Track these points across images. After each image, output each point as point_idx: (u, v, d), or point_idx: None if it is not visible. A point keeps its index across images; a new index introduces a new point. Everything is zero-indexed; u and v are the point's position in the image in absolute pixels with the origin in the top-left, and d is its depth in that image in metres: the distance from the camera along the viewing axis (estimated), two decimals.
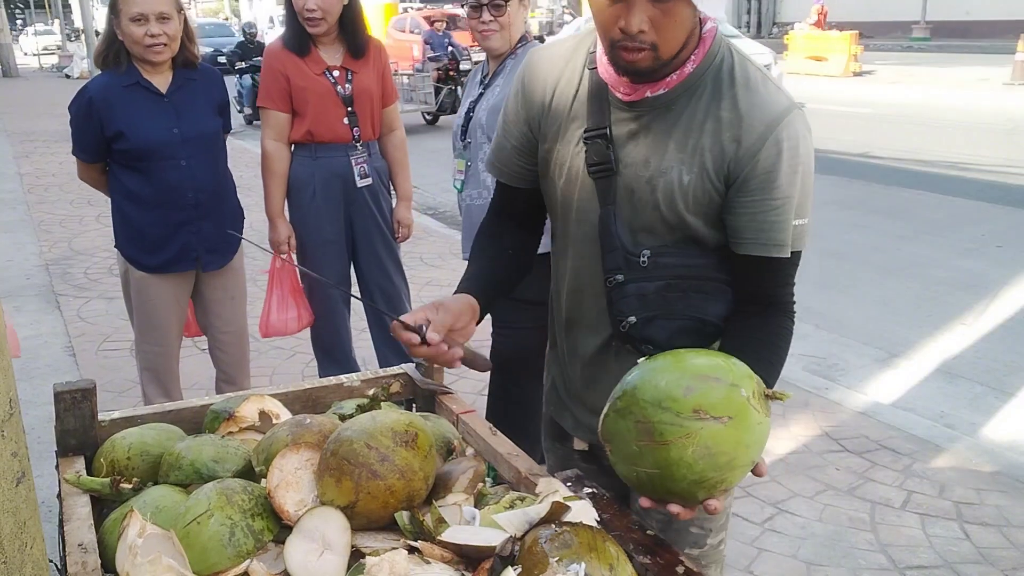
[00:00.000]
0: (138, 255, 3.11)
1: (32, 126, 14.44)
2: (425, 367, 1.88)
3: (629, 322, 1.51)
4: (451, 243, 6.65)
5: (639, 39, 1.35)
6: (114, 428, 1.63)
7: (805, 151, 1.43)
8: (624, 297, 1.51)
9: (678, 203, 1.46)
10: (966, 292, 5.53)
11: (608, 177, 1.50)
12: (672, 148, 1.45)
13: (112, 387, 4.19)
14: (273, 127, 3.32)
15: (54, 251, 6.90)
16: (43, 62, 31.15)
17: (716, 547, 1.71)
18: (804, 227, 1.47)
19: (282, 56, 3.29)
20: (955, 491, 3.30)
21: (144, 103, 2.97)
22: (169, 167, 3.01)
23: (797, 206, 1.44)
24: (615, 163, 1.49)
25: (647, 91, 1.44)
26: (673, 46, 1.38)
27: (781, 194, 1.41)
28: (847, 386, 4.27)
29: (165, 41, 2.89)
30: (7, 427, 1.03)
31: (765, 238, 1.44)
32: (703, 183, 1.44)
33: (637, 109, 1.47)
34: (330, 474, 1.32)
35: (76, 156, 3.13)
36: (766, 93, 1.43)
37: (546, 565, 1.18)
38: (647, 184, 1.47)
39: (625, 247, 1.50)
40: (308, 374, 4.46)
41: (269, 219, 3.44)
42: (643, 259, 1.49)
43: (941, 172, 9.03)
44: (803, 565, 2.90)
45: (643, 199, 1.48)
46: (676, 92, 1.44)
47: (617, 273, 1.51)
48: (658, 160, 1.46)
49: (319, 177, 3.38)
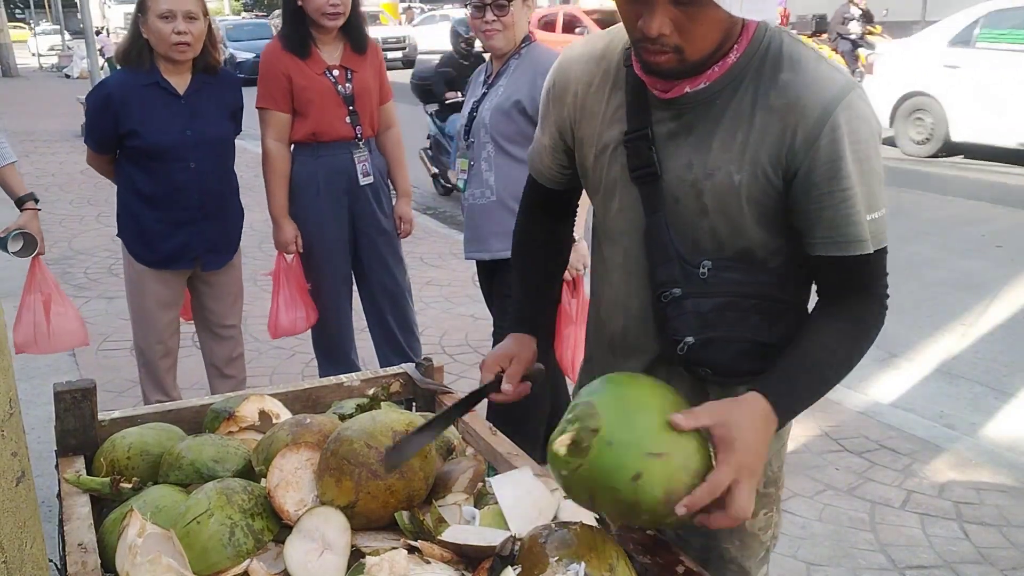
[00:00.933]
0: (138, 249, 3.15)
1: (32, 126, 14.44)
2: (425, 367, 1.88)
3: (687, 343, 1.37)
4: (451, 243, 6.65)
5: (661, 42, 1.23)
6: (114, 428, 1.63)
7: (870, 134, 1.28)
8: (682, 314, 1.37)
9: (731, 207, 1.32)
10: (966, 292, 5.53)
11: (653, 182, 1.37)
12: (716, 147, 1.32)
13: (112, 387, 4.18)
14: (274, 127, 3.32)
15: (54, 251, 6.89)
16: (43, 62, 31.13)
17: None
18: (882, 219, 1.32)
19: (283, 57, 3.28)
20: (955, 491, 3.30)
21: (160, 103, 3.01)
22: (177, 168, 3.04)
23: (869, 197, 1.29)
24: (659, 165, 1.36)
25: (686, 86, 1.31)
26: (701, 48, 1.25)
27: (850, 183, 1.26)
28: (847, 386, 4.27)
29: (190, 40, 2.93)
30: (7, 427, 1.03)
31: (839, 235, 1.29)
32: (757, 181, 1.30)
33: (676, 107, 1.34)
34: (330, 474, 1.32)
35: (87, 144, 3.18)
36: (818, 73, 1.28)
37: (546, 565, 1.18)
38: (691, 189, 1.34)
39: (682, 257, 1.36)
40: (308, 374, 4.46)
41: (274, 219, 3.43)
42: (703, 271, 1.35)
43: (941, 172, 9.03)
44: (803, 565, 2.90)
45: (688, 206, 1.35)
46: (719, 85, 1.31)
47: (673, 287, 1.37)
48: (702, 162, 1.33)
49: (322, 176, 3.39)
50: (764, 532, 1.60)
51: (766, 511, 1.59)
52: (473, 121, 3.01)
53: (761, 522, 1.58)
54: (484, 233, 3.05)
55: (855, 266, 1.32)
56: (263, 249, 6.80)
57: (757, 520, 1.58)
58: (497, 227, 2.99)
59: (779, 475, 1.62)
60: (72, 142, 12.22)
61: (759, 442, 1.20)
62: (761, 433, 1.21)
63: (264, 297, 5.66)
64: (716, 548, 1.55)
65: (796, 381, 1.29)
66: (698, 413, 1.18)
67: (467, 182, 3.06)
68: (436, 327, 5.07)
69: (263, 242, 6.97)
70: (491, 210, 3.01)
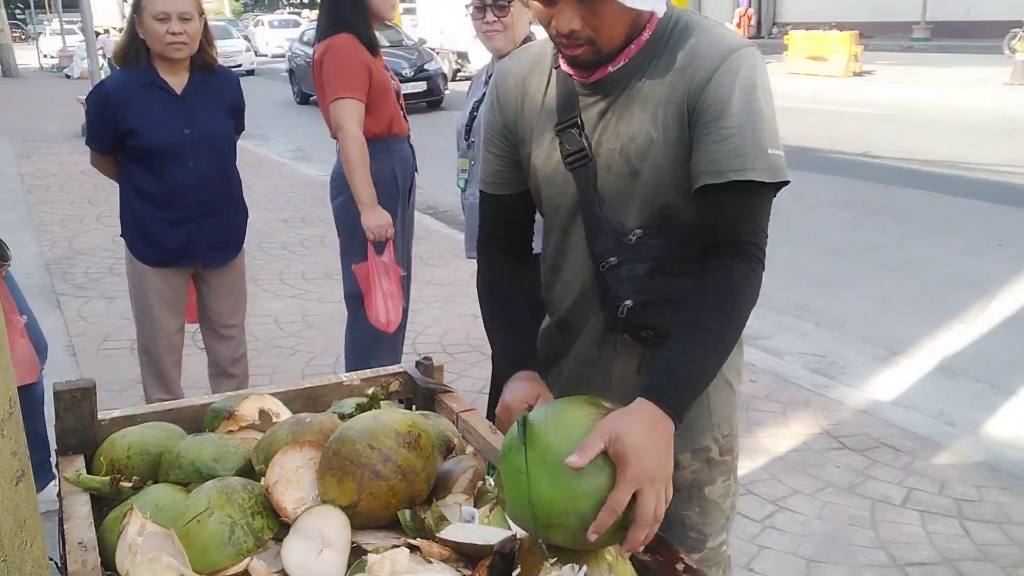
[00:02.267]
0: (141, 247, 3.16)
1: (33, 126, 14.44)
2: (425, 366, 1.88)
3: (626, 306, 1.48)
4: (451, 243, 6.66)
5: (573, 37, 1.38)
6: (114, 427, 1.63)
7: (762, 81, 1.40)
8: (619, 280, 1.48)
9: (653, 164, 1.44)
10: (966, 290, 5.52)
11: (586, 164, 1.49)
12: (637, 113, 1.45)
13: (112, 386, 4.18)
14: (359, 117, 3.34)
15: (54, 251, 6.91)
16: (43, 62, 31.13)
17: (717, 549, 1.69)
18: (772, 157, 1.38)
19: (363, 51, 3.34)
20: (955, 488, 3.30)
21: (159, 103, 3.03)
22: (177, 167, 3.06)
23: (759, 138, 1.37)
24: (589, 148, 1.49)
25: (608, 67, 1.45)
26: (611, 38, 1.40)
27: (734, 122, 1.36)
28: (847, 384, 4.27)
29: (185, 40, 2.95)
30: (7, 426, 1.03)
31: (718, 167, 1.37)
32: (670, 133, 1.42)
33: (603, 88, 1.47)
34: (332, 474, 1.32)
35: (89, 146, 3.19)
36: (719, 34, 1.43)
37: (546, 565, 1.18)
38: (619, 155, 1.46)
39: (614, 228, 1.48)
40: (308, 373, 4.47)
41: (367, 206, 3.34)
42: (631, 238, 1.47)
43: (941, 172, 9.02)
44: (803, 562, 2.90)
45: (620, 173, 1.47)
46: (637, 60, 1.45)
47: (609, 256, 1.49)
48: (626, 128, 1.46)
49: (398, 169, 3.51)
50: (724, 500, 1.68)
51: (724, 479, 1.67)
52: (473, 121, 3.01)
53: (720, 489, 1.67)
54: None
55: (732, 199, 1.38)
56: (263, 249, 6.81)
57: (716, 487, 1.66)
58: None
59: (733, 443, 1.68)
60: (72, 142, 12.22)
61: (656, 447, 1.21)
62: (656, 437, 1.23)
63: (263, 296, 5.68)
64: (677, 515, 1.62)
65: (679, 374, 1.31)
66: (590, 443, 1.17)
67: (467, 181, 3.06)
68: (436, 326, 5.07)
69: (263, 242, 6.99)
70: None
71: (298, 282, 6.05)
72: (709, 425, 1.63)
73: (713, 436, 1.64)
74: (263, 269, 6.30)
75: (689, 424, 1.51)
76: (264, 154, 11.44)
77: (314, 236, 7.11)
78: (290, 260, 6.59)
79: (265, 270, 6.29)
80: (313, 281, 6.04)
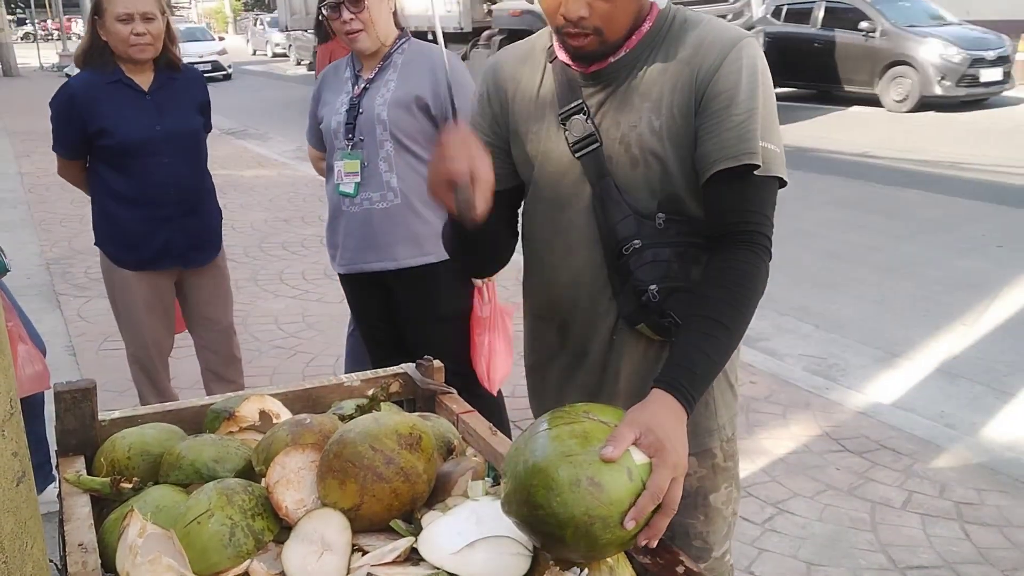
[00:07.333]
0: (121, 253, 3.10)
1: (33, 125, 14.40)
2: (425, 367, 1.88)
3: (651, 291, 1.46)
4: None
5: (581, 25, 1.39)
6: (114, 428, 1.63)
7: (763, 70, 1.44)
8: (642, 264, 1.46)
9: (657, 152, 1.45)
10: (966, 292, 5.52)
11: (595, 150, 1.49)
12: (638, 103, 1.46)
13: (112, 387, 4.18)
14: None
15: (54, 250, 6.91)
16: (43, 61, 31.11)
17: (721, 559, 1.69)
18: (776, 152, 1.42)
19: None
20: (955, 491, 3.29)
21: (127, 100, 2.98)
22: (152, 164, 3.00)
23: (764, 127, 1.40)
24: (597, 132, 1.49)
25: (610, 57, 1.47)
26: (618, 28, 1.42)
27: (744, 108, 1.40)
28: (847, 386, 4.27)
29: (149, 40, 2.92)
30: (7, 427, 1.03)
31: (730, 152, 1.39)
32: (675, 122, 1.44)
33: (604, 78, 1.49)
34: (334, 476, 1.31)
35: (56, 152, 3.10)
36: (720, 26, 1.48)
37: (547, 565, 1.18)
38: (621, 145, 1.47)
39: (638, 211, 1.47)
40: (308, 374, 4.46)
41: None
42: (659, 222, 1.46)
43: (941, 172, 9.02)
44: (803, 565, 2.90)
45: (622, 162, 1.47)
46: (637, 51, 1.47)
47: (633, 239, 1.47)
48: (628, 118, 1.47)
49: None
50: (726, 507, 1.67)
51: (727, 485, 1.66)
52: (357, 118, 2.75)
53: (723, 496, 1.66)
54: (387, 240, 2.77)
55: (743, 186, 1.40)
56: (263, 249, 6.81)
57: (720, 495, 1.65)
58: (404, 232, 2.75)
59: (734, 448, 1.68)
60: None
61: (679, 437, 1.24)
62: (679, 427, 1.25)
63: (264, 296, 5.68)
64: (682, 524, 1.61)
65: (692, 365, 1.32)
66: (620, 435, 1.17)
67: (359, 184, 2.76)
68: None
69: (263, 242, 6.99)
70: (395, 214, 2.75)
71: (298, 282, 6.05)
72: (716, 427, 1.62)
73: (719, 438, 1.63)
74: (263, 269, 6.30)
75: (695, 425, 1.51)
76: (264, 154, 11.44)
77: (314, 236, 7.11)
78: (290, 260, 6.58)
79: (265, 270, 6.29)
80: (313, 281, 6.04)
